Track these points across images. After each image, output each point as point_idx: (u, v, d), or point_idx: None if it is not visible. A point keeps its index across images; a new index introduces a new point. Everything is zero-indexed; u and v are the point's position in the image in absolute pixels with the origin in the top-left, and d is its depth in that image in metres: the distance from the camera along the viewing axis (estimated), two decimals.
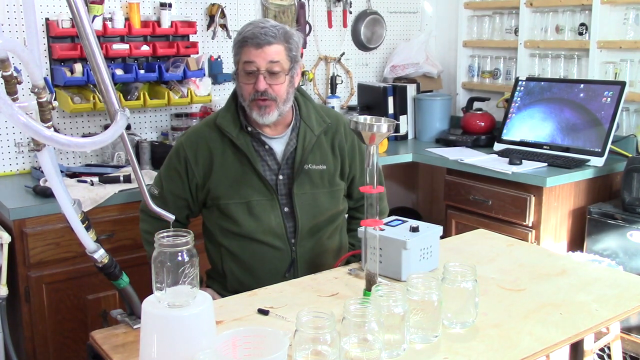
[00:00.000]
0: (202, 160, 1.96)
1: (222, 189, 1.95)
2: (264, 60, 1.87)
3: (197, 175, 1.97)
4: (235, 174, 1.95)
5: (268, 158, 1.97)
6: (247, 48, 1.88)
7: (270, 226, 1.95)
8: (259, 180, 1.95)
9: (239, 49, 1.91)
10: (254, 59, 1.87)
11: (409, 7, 4.03)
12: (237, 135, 1.94)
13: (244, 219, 1.95)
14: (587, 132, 2.98)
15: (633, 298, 1.64)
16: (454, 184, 3.13)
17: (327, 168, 2.03)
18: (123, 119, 1.27)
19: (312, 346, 1.22)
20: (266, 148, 1.97)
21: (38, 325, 2.42)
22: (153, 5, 3.08)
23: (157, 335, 1.25)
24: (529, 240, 2.79)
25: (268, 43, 1.87)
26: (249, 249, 1.97)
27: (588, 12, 3.15)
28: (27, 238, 2.35)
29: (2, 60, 1.10)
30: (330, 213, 2.04)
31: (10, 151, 2.83)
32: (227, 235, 1.99)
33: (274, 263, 1.96)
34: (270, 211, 1.96)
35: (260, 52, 1.86)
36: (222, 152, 1.96)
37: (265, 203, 1.95)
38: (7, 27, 2.73)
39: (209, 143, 1.97)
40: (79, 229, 1.33)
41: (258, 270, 1.96)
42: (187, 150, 1.98)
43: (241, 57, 1.90)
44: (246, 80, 1.91)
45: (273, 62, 1.87)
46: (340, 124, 2.08)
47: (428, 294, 1.40)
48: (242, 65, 1.90)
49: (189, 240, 1.26)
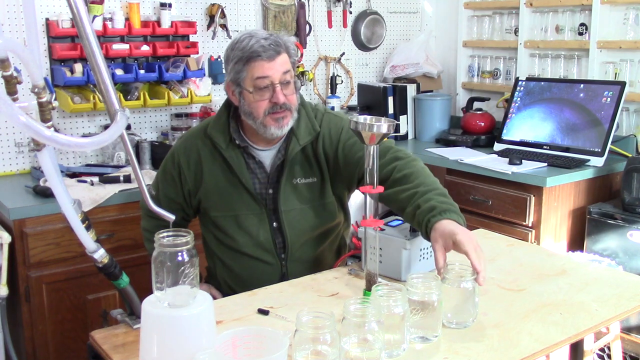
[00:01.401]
0: (193, 167, 1.94)
1: (212, 200, 1.93)
2: (279, 72, 1.80)
3: (189, 182, 1.95)
4: (224, 187, 1.91)
5: (258, 171, 1.92)
6: (259, 62, 1.78)
7: (259, 241, 1.91)
8: (247, 194, 1.90)
9: (246, 66, 1.80)
10: (269, 73, 1.79)
11: (409, 7, 4.03)
12: (226, 147, 1.89)
13: (234, 232, 1.92)
14: (587, 132, 2.98)
15: (633, 298, 1.64)
16: (454, 184, 3.13)
17: (318, 180, 1.93)
18: (123, 119, 1.27)
19: (312, 346, 1.22)
20: (256, 161, 1.92)
21: (38, 325, 2.42)
22: (153, 5, 3.08)
23: (157, 335, 1.25)
24: (529, 240, 2.79)
25: (278, 53, 1.80)
26: (240, 261, 1.95)
27: (588, 12, 3.15)
28: (27, 238, 2.35)
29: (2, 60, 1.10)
30: (322, 229, 1.96)
31: (10, 151, 2.83)
32: (219, 246, 1.98)
33: (265, 277, 1.90)
34: (259, 225, 1.91)
35: (273, 65, 1.79)
36: (211, 162, 1.92)
37: (254, 217, 1.91)
38: (7, 27, 2.73)
39: (200, 151, 1.93)
40: (79, 229, 1.33)
41: (249, 283, 1.87)
42: (181, 156, 1.95)
43: (251, 73, 1.80)
44: (260, 96, 1.81)
45: (285, 73, 1.81)
46: (337, 130, 1.93)
47: (428, 294, 1.40)
48: (254, 81, 1.80)
49: (189, 240, 1.26)
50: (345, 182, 1.97)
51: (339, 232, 2.05)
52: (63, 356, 2.48)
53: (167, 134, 3.15)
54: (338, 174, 1.94)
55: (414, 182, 1.74)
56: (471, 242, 1.51)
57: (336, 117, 1.98)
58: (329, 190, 1.96)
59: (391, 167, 1.81)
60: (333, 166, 1.93)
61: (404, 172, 1.78)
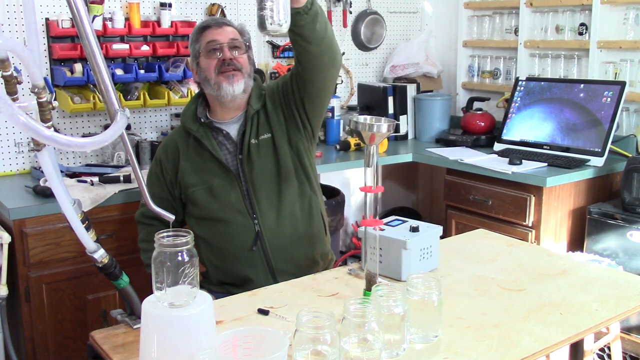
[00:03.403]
0: (171, 157, 2.12)
1: (189, 178, 2.07)
2: (226, 37, 2.03)
3: (169, 172, 2.11)
4: (198, 163, 2.07)
5: (227, 142, 2.08)
6: (208, 30, 2.03)
7: (230, 202, 2.03)
8: (218, 164, 2.05)
9: (198, 35, 2.05)
10: (217, 37, 2.02)
11: (409, 7, 4.03)
12: (197, 129, 2.07)
13: (207, 201, 2.05)
14: (587, 132, 2.98)
15: (633, 298, 1.64)
16: (454, 184, 3.13)
17: (272, 134, 2.07)
18: (123, 119, 1.27)
19: (312, 346, 1.22)
20: (224, 133, 2.08)
21: (38, 325, 2.42)
22: (153, 5, 3.08)
23: (157, 335, 1.25)
24: (529, 240, 2.79)
25: (226, 24, 2.07)
26: (214, 230, 2.05)
27: (588, 12, 3.15)
28: (27, 238, 2.35)
29: (2, 60, 1.10)
30: (284, 183, 2.05)
31: (10, 151, 2.83)
32: (198, 223, 2.08)
33: (240, 239, 2.02)
34: (230, 190, 2.04)
35: (221, 31, 2.03)
36: (186, 146, 2.10)
37: (226, 184, 2.05)
38: (7, 27, 2.73)
39: (176, 140, 2.13)
40: (79, 229, 1.33)
41: (226, 250, 2.03)
42: (160, 153, 2.16)
43: (202, 40, 2.04)
44: (211, 57, 2.02)
45: (234, 39, 2.04)
46: (271, 85, 2.13)
47: (428, 294, 1.40)
48: (205, 46, 2.02)
49: (189, 240, 1.26)
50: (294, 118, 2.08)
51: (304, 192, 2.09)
52: (63, 356, 2.48)
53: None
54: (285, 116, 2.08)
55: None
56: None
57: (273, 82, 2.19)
58: (281, 141, 2.06)
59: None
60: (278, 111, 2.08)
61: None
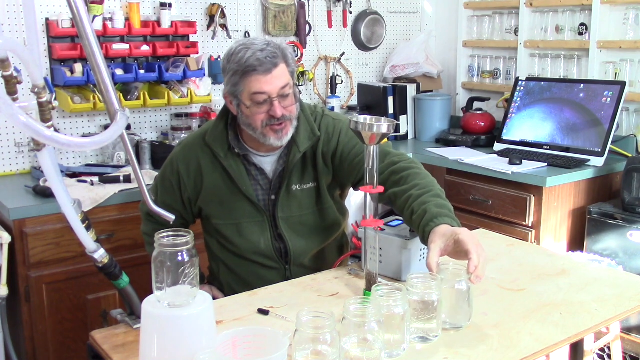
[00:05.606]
0: (193, 176, 1.91)
1: (213, 209, 1.92)
2: (276, 87, 1.74)
3: (189, 189, 1.93)
4: (225, 195, 1.89)
5: (260, 178, 1.90)
6: (255, 77, 1.73)
7: (260, 248, 1.91)
8: (248, 202, 1.88)
9: (242, 79, 1.75)
10: (266, 89, 1.73)
11: (409, 7, 4.03)
12: (225, 155, 1.86)
13: (236, 239, 1.92)
14: (587, 132, 2.98)
15: (633, 298, 1.64)
16: (454, 184, 3.13)
17: (316, 185, 1.92)
18: (123, 119, 1.27)
19: (312, 346, 1.22)
20: (258, 168, 1.89)
21: (38, 325, 2.42)
22: (153, 5, 3.08)
23: (157, 335, 1.25)
24: (529, 240, 2.79)
25: (275, 65, 1.73)
26: (243, 265, 1.95)
27: (588, 12, 3.15)
28: (27, 238, 2.35)
29: (2, 60, 1.10)
30: (323, 234, 1.96)
31: (10, 151, 2.83)
32: (222, 250, 1.98)
33: (269, 280, 1.87)
34: (259, 233, 1.91)
35: (270, 79, 1.73)
36: (212, 170, 1.89)
37: (255, 225, 1.90)
38: (7, 27, 2.73)
39: (200, 160, 1.90)
40: (79, 229, 1.33)
41: (254, 286, 1.84)
42: (180, 163, 1.92)
43: (247, 88, 1.75)
44: (257, 110, 1.76)
45: (284, 87, 1.76)
46: (336, 133, 1.90)
47: (428, 294, 1.40)
48: (251, 96, 1.75)
49: (189, 240, 1.26)
50: (341, 185, 1.97)
51: (339, 232, 2.04)
52: (63, 356, 2.48)
53: (167, 134, 3.15)
54: (335, 176, 1.93)
55: (410, 184, 1.72)
56: (473, 240, 1.50)
57: (334, 119, 1.94)
58: (326, 194, 1.93)
59: (388, 171, 1.79)
60: (331, 169, 1.91)
61: (401, 175, 1.77)
